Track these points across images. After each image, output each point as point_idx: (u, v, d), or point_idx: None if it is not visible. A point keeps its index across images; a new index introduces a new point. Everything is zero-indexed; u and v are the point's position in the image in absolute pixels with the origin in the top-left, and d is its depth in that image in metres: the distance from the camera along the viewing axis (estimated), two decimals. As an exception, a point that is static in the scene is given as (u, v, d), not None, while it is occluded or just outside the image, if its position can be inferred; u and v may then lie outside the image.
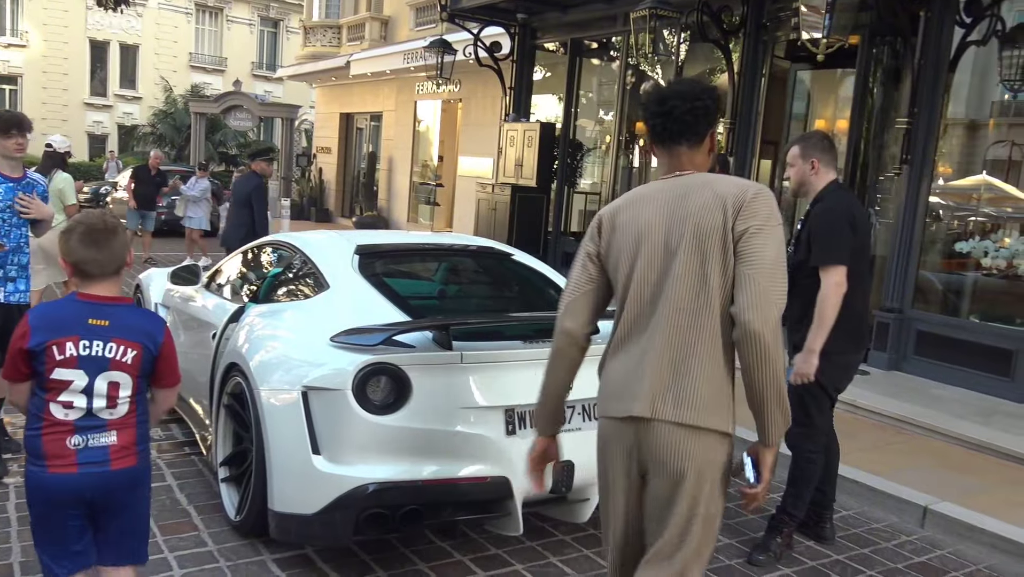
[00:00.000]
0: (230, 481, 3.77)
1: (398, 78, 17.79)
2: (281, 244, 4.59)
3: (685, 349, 2.14)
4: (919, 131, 6.77)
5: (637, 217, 2.27)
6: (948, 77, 6.79)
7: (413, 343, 3.30)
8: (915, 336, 6.90)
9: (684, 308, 2.15)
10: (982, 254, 6.69)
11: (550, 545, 3.74)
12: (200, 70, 37.55)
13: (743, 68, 8.33)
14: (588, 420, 3.53)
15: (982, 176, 7.49)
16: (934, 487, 4.55)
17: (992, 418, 5.76)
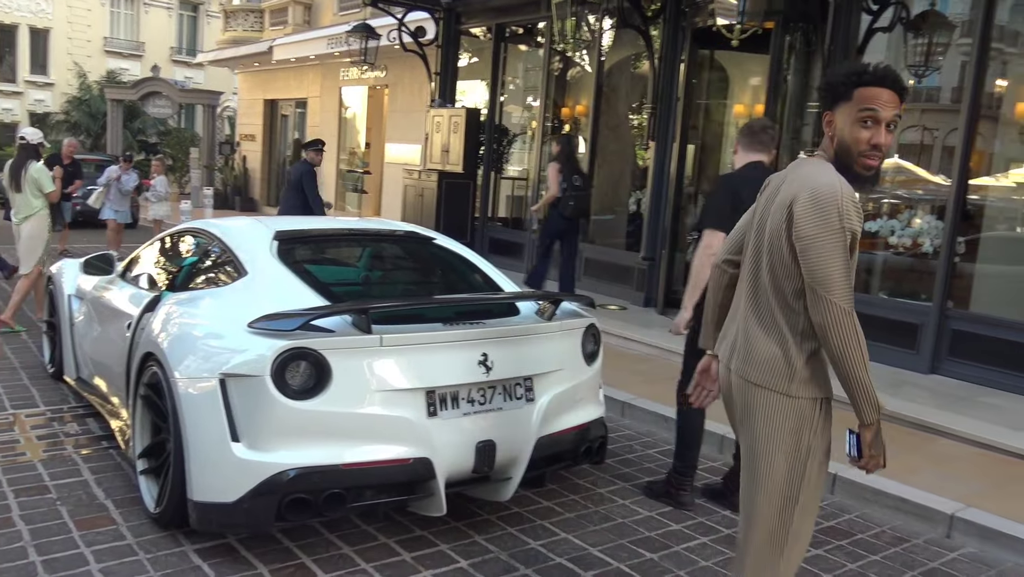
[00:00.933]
0: (149, 473, 3.71)
1: (323, 64, 17.53)
2: (198, 231, 4.52)
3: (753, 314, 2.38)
4: (831, 114, 6.98)
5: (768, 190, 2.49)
6: (857, 61, 7.02)
7: (332, 327, 3.30)
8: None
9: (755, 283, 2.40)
10: (889, 233, 6.97)
11: (475, 524, 3.79)
12: (116, 55, 36.25)
13: (663, 54, 8.47)
14: (509, 399, 3.58)
15: (895, 159, 7.78)
16: (843, 455, 4.73)
17: (900, 389, 6.03)
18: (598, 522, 3.91)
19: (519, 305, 3.98)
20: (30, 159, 7.38)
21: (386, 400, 3.27)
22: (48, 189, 7.35)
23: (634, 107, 10.18)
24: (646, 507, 4.13)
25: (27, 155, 7.43)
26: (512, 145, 12.09)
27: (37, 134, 7.78)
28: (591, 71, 10.35)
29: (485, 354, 3.49)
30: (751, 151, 3.97)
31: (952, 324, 6.41)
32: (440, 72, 11.63)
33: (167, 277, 4.43)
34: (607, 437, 4.17)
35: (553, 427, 3.73)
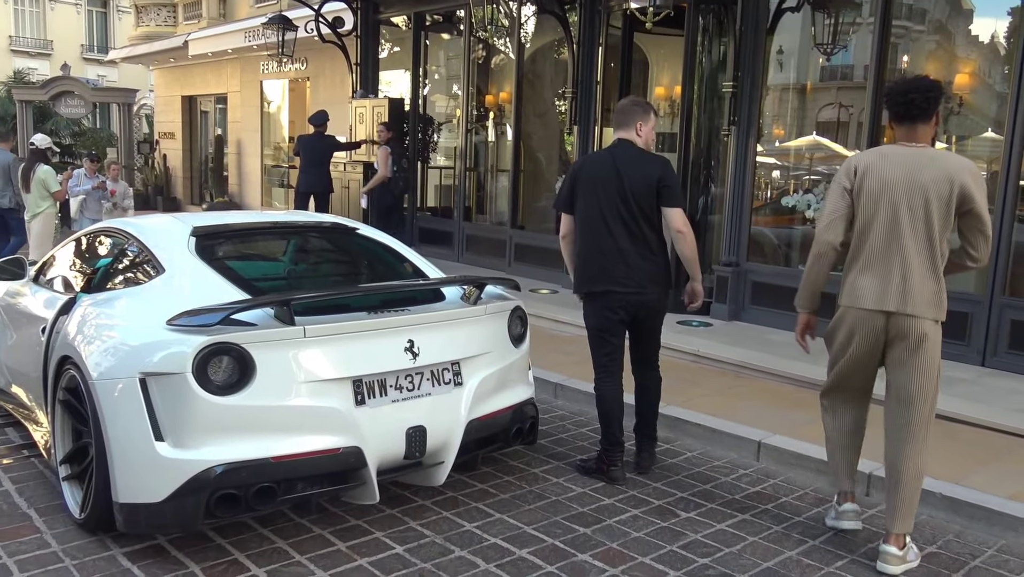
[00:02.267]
0: (72, 479, 3.63)
1: (241, 57, 17.17)
2: (113, 231, 4.41)
3: (914, 265, 3.32)
4: (744, 95, 7.18)
5: (883, 172, 3.36)
6: (767, 42, 7.23)
7: (255, 321, 3.27)
8: (751, 287, 7.37)
9: (915, 239, 3.31)
10: (806, 207, 7.20)
11: (409, 511, 3.81)
12: (23, 54, 34.92)
13: (581, 38, 8.56)
14: (437, 385, 3.61)
15: (812, 136, 8.02)
16: (768, 423, 4.91)
17: (820, 357, 6.17)
18: (532, 501, 3.98)
19: (444, 291, 4.01)
20: (38, 162, 8.24)
21: (313, 391, 3.27)
22: (54, 189, 8.29)
23: (559, 93, 10.25)
24: (579, 484, 4.20)
25: (35, 159, 8.31)
26: (438, 134, 12.06)
27: (45, 140, 8.93)
28: (513, 58, 10.38)
29: (411, 340, 3.51)
30: (618, 129, 4.28)
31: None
32: (360, 63, 11.53)
33: (82, 279, 4.31)
34: (538, 418, 4.23)
35: (483, 410, 3.77)
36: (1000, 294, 6.01)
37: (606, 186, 4.12)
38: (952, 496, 3.94)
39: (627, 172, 4.10)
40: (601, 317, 4.21)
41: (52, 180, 8.29)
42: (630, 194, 4.08)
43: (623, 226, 4.10)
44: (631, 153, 4.18)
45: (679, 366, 6.23)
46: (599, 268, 4.16)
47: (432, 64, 12.15)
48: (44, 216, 8.30)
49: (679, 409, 5.13)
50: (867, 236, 3.40)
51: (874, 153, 3.48)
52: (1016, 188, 5.96)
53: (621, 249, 4.10)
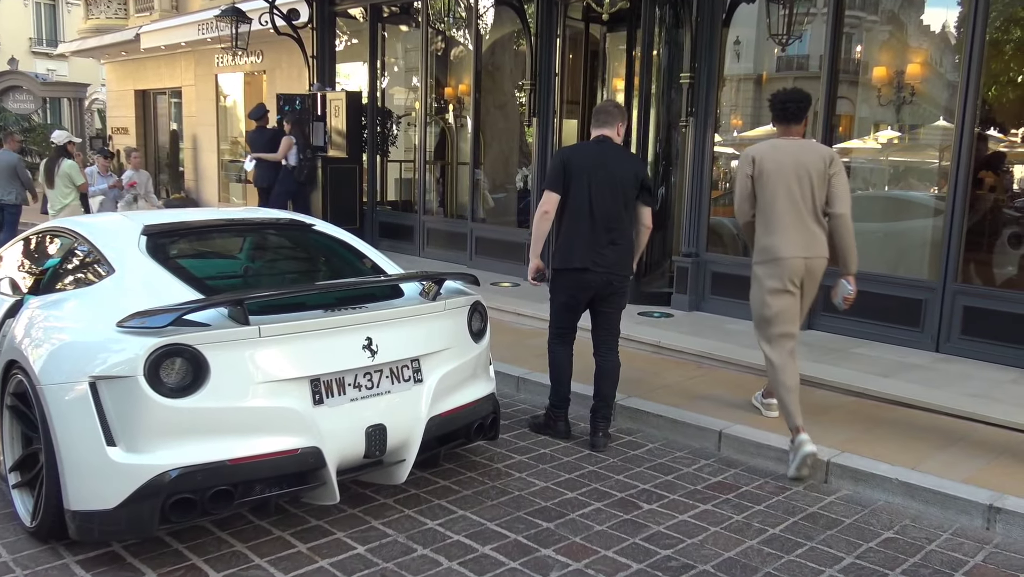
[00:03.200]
0: (22, 486, 3.53)
1: (195, 50, 16.87)
2: (61, 231, 4.30)
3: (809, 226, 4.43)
4: (701, 86, 7.21)
5: (776, 159, 4.44)
6: (723, 33, 7.27)
7: (209, 321, 3.21)
8: (711, 278, 7.42)
9: (804, 207, 4.41)
10: (763, 196, 7.25)
11: (371, 510, 3.78)
12: (-32, 49, 33.91)
13: (539, 30, 8.53)
14: (397, 382, 3.57)
15: (769, 127, 8.07)
16: (729, 413, 4.95)
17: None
18: (495, 497, 3.96)
19: (403, 287, 3.97)
20: (61, 157, 8.84)
21: (269, 391, 3.22)
22: (79, 182, 8.88)
23: (519, 85, 10.23)
24: (542, 478, 4.20)
25: (58, 154, 8.93)
26: (397, 127, 11.97)
27: (63, 135, 9.66)
28: (471, 50, 10.33)
29: (369, 338, 3.47)
30: (597, 128, 4.70)
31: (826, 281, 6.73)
32: (317, 56, 11.38)
33: (30, 280, 4.19)
34: (499, 413, 4.22)
35: (443, 406, 3.75)
36: (952, 281, 6.12)
37: (595, 175, 4.52)
38: (908, 481, 4.00)
39: (615, 165, 4.56)
40: (570, 292, 4.62)
41: (76, 173, 8.88)
42: (618, 184, 4.52)
43: (606, 213, 4.51)
44: (616, 149, 4.64)
45: (640, 357, 6.26)
46: (581, 247, 4.52)
47: (390, 56, 12.03)
48: (70, 209, 8.80)
49: (640, 401, 5.15)
50: (773, 207, 4.43)
51: (766, 145, 4.56)
52: (967, 176, 6.06)
53: (602, 233, 4.51)
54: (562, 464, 4.39)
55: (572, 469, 4.33)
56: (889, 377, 5.52)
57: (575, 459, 4.47)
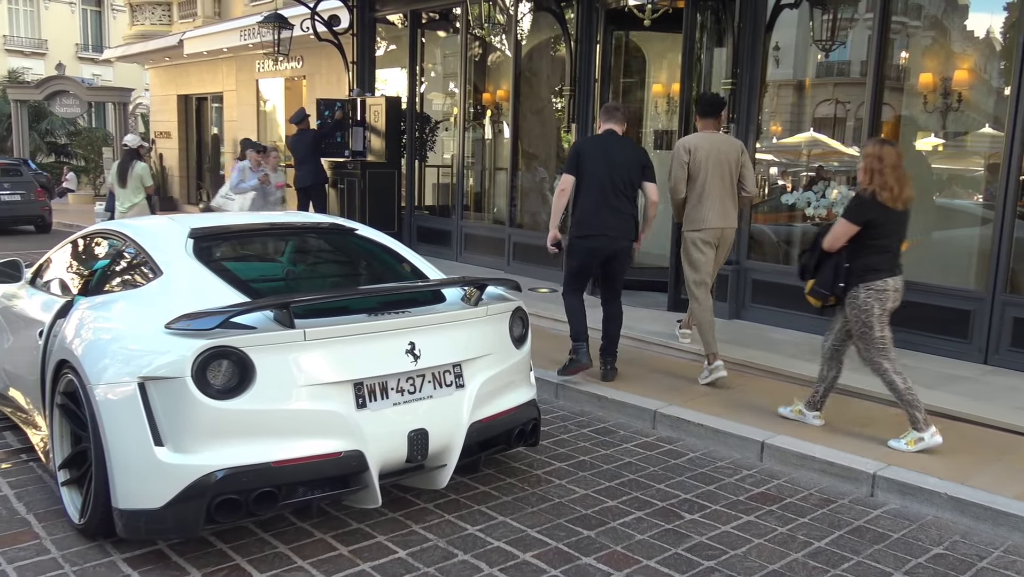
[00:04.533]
0: (71, 484, 3.59)
1: (237, 56, 17.12)
2: (110, 233, 4.37)
3: (727, 202, 5.71)
4: (743, 91, 7.14)
5: (706, 148, 5.67)
6: (766, 39, 7.20)
7: (254, 324, 3.23)
8: (751, 285, 7.34)
9: (726, 188, 5.69)
10: (805, 204, 7.16)
11: (412, 514, 3.78)
12: (17, 54, 34.77)
13: (579, 36, 8.52)
14: (439, 387, 3.57)
15: (809, 133, 7.99)
16: (771, 423, 4.88)
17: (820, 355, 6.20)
18: (535, 503, 3.94)
19: (444, 292, 3.97)
20: (133, 159, 9.66)
21: (313, 395, 3.23)
22: (148, 183, 9.67)
23: (556, 90, 10.21)
24: (582, 485, 4.17)
25: (130, 156, 9.76)
26: (435, 133, 12.02)
27: (135, 139, 10.95)
28: (510, 56, 10.34)
29: (412, 343, 3.47)
30: (607, 122, 5.72)
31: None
32: (357, 61, 11.48)
33: (79, 281, 4.27)
34: (539, 419, 4.20)
35: (485, 412, 3.74)
36: (1002, 291, 5.99)
37: (606, 160, 5.49)
38: (957, 496, 3.91)
39: (619, 153, 5.55)
40: (585, 256, 5.60)
41: (147, 175, 9.71)
42: (624, 168, 5.48)
43: (615, 191, 5.48)
44: (620, 139, 5.68)
45: (681, 365, 6.21)
46: (596, 219, 5.48)
47: (429, 62, 12.10)
48: (139, 207, 9.57)
49: (681, 409, 5.10)
50: (703, 187, 5.65)
51: (697, 137, 5.82)
52: (1017, 184, 5.93)
53: (612, 207, 5.47)
54: (602, 472, 4.36)
55: (612, 477, 4.29)
56: (936, 389, 5.41)
57: (615, 467, 4.44)
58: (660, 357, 6.44)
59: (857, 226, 4.39)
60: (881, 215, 4.37)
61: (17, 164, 17.72)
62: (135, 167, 9.59)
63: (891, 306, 4.49)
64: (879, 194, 4.36)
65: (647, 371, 6.00)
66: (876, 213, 4.37)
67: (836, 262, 4.45)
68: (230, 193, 9.79)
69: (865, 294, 4.43)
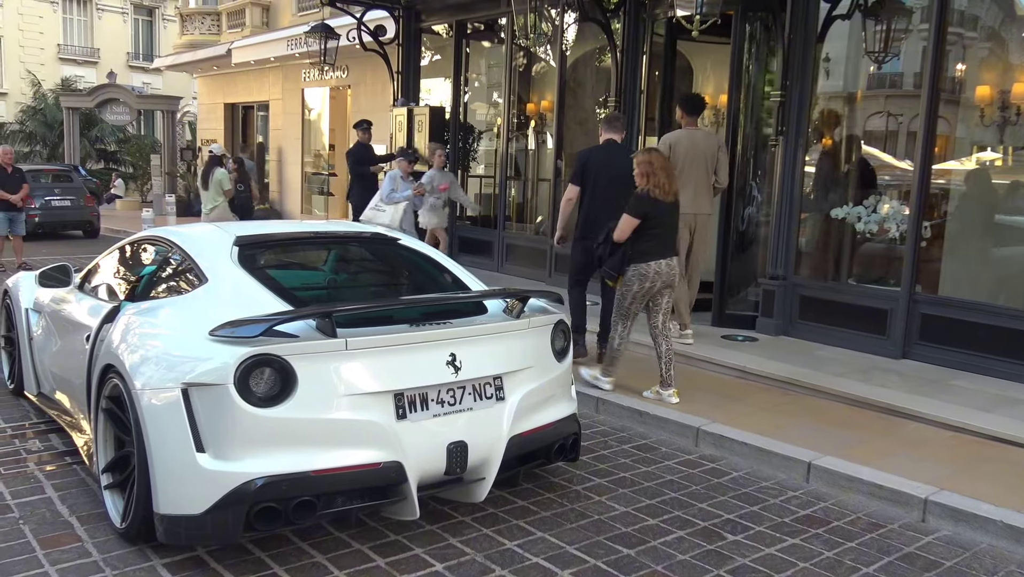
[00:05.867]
0: (114, 487, 3.66)
1: (283, 65, 17.40)
2: (156, 239, 4.46)
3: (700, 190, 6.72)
4: (792, 103, 7.05)
5: (686, 143, 6.69)
6: (817, 50, 7.11)
7: (297, 333, 3.26)
8: (799, 301, 7.22)
9: (700, 178, 6.72)
10: (856, 219, 7.04)
11: (449, 527, 3.77)
12: (71, 62, 35.71)
13: (625, 46, 8.50)
14: (479, 399, 3.57)
15: (860, 146, 7.86)
16: (818, 443, 4.78)
17: (870, 374, 6.10)
18: (574, 520, 3.91)
19: (486, 303, 3.97)
20: (215, 166, 10.68)
21: (354, 404, 3.25)
22: (226, 188, 10.66)
23: (600, 101, 10.20)
24: (623, 503, 4.13)
25: (213, 163, 10.78)
26: (479, 143, 12.07)
27: (220, 148, 11.92)
28: (555, 66, 10.35)
29: (453, 354, 3.47)
30: (608, 133, 6.45)
31: (921, 308, 6.50)
32: (402, 71, 11.58)
33: (126, 287, 4.36)
34: (580, 434, 4.18)
35: (525, 426, 3.72)
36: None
37: (608, 170, 6.19)
38: (1014, 524, 3.79)
39: (619, 161, 6.11)
40: (587, 253, 6.11)
41: (225, 180, 10.67)
42: (620, 176, 5.95)
43: (616, 196, 5.91)
44: (619, 148, 6.42)
45: (724, 382, 6.13)
46: (598, 223, 5.91)
47: (473, 72, 12.17)
48: (219, 210, 10.55)
49: (723, 427, 5.04)
50: (680, 176, 6.22)
51: (678, 133, 6.83)
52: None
53: (613, 211, 5.72)
54: (643, 489, 4.32)
55: (653, 495, 4.25)
56: (991, 412, 5.27)
57: (656, 485, 4.39)
58: (702, 373, 6.36)
59: (637, 219, 5.40)
60: (654, 208, 5.41)
61: (68, 170, 18.19)
62: (215, 173, 10.56)
63: (650, 286, 5.42)
64: (652, 191, 5.40)
65: (690, 387, 5.93)
66: (650, 207, 5.40)
67: (623, 249, 5.46)
68: (380, 204, 9.14)
69: (632, 272, 5.42)
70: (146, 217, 14.99)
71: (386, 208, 9.06)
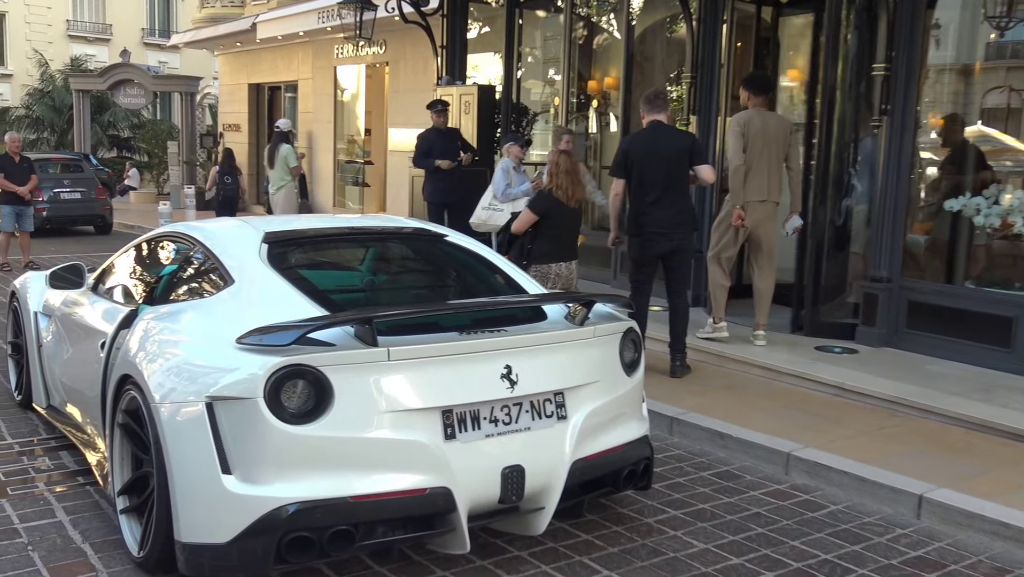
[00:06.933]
0: (131, 512, 3.74)
1: (313, 41, 17.63)
2: (178, 236, 4.55)
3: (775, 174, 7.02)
4: (898, 78, 6.92)
5: (758, 124, 6.82)
6: (927, 16, 6.98)
7: (333, 341, 3.30)
8: (906, 308, 7.07)
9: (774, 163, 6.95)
10: (974, 212, 6.87)
11: (503, 563, 3.77)
12: (81, 40, 36.75)
13: (702, 15, 8.44)
14: (538, 418, 3.57)
15: (977, 127, 7.68)
16: (931, 473, 4.68)
17: (993, 393, 5.95)
18: (645, 557, 3.89)
19: (545, 309, 3.97)
20: (281, 142, 11.27)
21: (396, 422, 3.27)
22: (292, 164, 11.35)
23: (673, 77, 10.14)
24: (701, 538, 4.09)
25: (279, 140, 11.39)
26: (533, 125, 12.08)
27: (287, 123, 12.60)
28: (620, 38, 10.32)
29: (508, 366, 3.47)
30: (654, 113, 6.37)
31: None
32: (447, 45, 11.65)
33: (144, 289, 4.45)
34: (652, 458, 4.15)
35: (590, 449, 3.71)
36: None
37: (655, 156, 6.21)
38: None
39: (666, 144, 6.27)
40: (640, 252, 6.37)
41: (292, 157, 11.29)
42: (676, 161, 6.19)
43: (666, 186, 6.18)
44: (666, 130, 6.42)
45: (818, 400, 6.04)
46: (648, 217, 6.22)
47: (527, 46, 12.19)
48: (286, 190, 11.29)
49: (819, 453, 4.96)
50: (752, 159, 6.70)
51: (749, 113, 6.89)
52: None
53: (665, 203, 6.16)
54: (725, 523, 4.27)
55: (737, 530, 4.20)
56: None
57: (740, 518, 4.34)
58: (793, 389, 6.28)
59: (535, 215, 6.07)
60: (555, 208, 6.10)
61: (78, 160, 18.70)
62: (280, 150, 11.21)
63: (551, 287, 5.93)
64: (555, 191, 6.11)
65: (778, 405, 5.86)
66: (551, 206, 6.12)
67: (522, 242, 6.09)
68: (495, 202, 8.58)
69: (533, 272, 5.84)
70: (163, 211, 15.33)
71: (503, 207, 8.47)
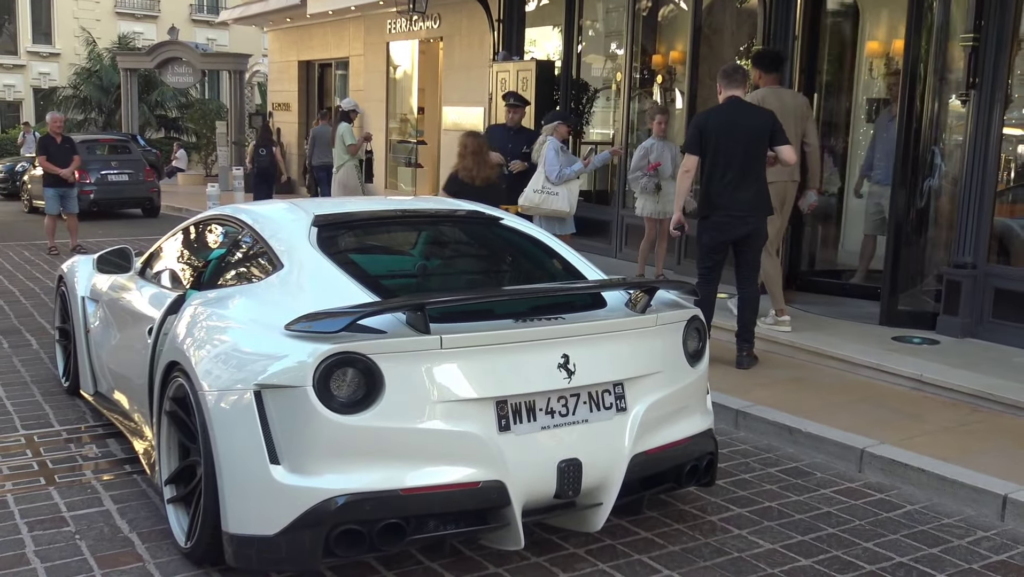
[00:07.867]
0: (178, 501, 3.83)
1: (365, 15, 17.76)
2: (226, 219, 4.64)
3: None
4: (988, 48, 6.75)
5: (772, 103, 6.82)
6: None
7: (384, 328, 3.34)
8: (993, 295, 6.93)
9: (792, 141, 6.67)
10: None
11: (559, 560, 3.80)
12: (128, 17, 37.47)
13: (775, -17, 8.33)
14: (596, 409, 3.57)
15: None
16: (1016, 472, 4.60)
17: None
18: (709, 556, 3.88)
19: (605, 296, 3.97)
20: (342, 120, 12.03)
21: (449, 413, 3.30)
22: (349, 142, 11.84)
23: (743, 50, 10.03)
24: (768, 538, 4.07)
25: (341, 117, 12.20)
26: (594, 103, 12.04)
27: (351, 103, 13.75)
28: (687, 9, 10.22)
29: (566, 355, 3.48)
30: (732, 88, 6.38)
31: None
32: (504, 19, 11.67)
33: (192, 273, 4.55)
34: (717, 454, 4.14)
35: (651, 442, 3.71)
36: None
37: (731, 134, 6.17)
38: None
39: (744, 121, 6.24)
40: (711, 235, 6.32)
41: (348, 135, 11.87)
42: (747, 138, 6.17)
43: (742, 166, 6.17)
44: (744, 106, 6.40)
45: (895, 393, 5.96)
46: (722, 198, 6.20)
47: (588, 19, 12.14)
48: (346, 168, 11.86)
49: (895, 449, 4.90)
50: None
51: (763, 91, 7.09)
52: None
53: (740, 184, 6.16)
54: (793, 522, 4.24)
55: (806, 530, 4.17)
56: None
57: (810, 518, 4.31)
58: (870, 383, 6.20)
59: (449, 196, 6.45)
60: (462, 189, 6.67)
61: (126, 140, 19.11)
62: (340, 127, 11.93)
63: None
64: (460, 172, 6.85)
65: (851, 399, 5.79)
66: (458, 187, 6.77)
67: None
68: (547, 184, 8.31)
69: None
70: (211, 193, 15.60)
71: (558, 189, 8.28)
